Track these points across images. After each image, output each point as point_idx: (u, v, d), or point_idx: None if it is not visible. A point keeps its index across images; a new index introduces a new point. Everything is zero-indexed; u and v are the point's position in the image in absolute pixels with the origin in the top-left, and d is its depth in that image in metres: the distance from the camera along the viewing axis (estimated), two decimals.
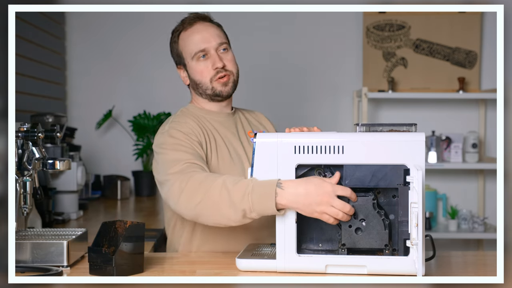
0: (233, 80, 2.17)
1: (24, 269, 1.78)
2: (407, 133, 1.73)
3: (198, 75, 2.17)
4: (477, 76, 4.25)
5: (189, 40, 2.17)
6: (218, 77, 2.14)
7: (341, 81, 4.33)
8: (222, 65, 2.13)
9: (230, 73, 2.16)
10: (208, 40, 2.15)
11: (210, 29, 2.18)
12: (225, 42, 2.17)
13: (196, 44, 2.15)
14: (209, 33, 2.16)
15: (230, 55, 2.18)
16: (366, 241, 1.73)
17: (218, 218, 1.80)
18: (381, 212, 1.74)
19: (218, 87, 2.15)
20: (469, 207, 4.33)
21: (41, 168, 2.00)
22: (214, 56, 2.14)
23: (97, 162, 4.21)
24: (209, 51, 2.14)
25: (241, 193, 1.74)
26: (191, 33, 2.17)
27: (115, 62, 4.27)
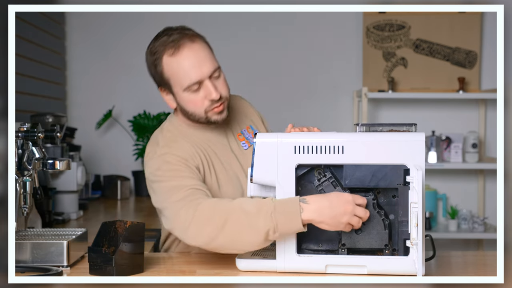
0: (227, 104, 2.01)
1: (24, 269, 1.78)
2: (407, 133, 1.73)
3: (191, 106, 1.97)
4: (477, 76, 4.25)
5: (178, 69, 1.92)
6: (214, 108, 1.97)
7: (341, 81, 4.33)
8: (218, 97, 1.94)
9: (225, 99, 1.99)
10: (201, 69, 1.92)
11: (199, 53, 1.93)
12: (217, 67, 1.96)
13: (188, 75, 1.91)
14: (200, 60, 1.92)
15: (222, 78, 1.98)
16: (366, 241, 1.73)
17: (239, 245, 1.72)
18: (381, 212, 1.74)
19: (213, 117, 1.99)
20: (469, 207, 4.33)
21: (41, 168, 2.00)
22: (208, 87, 1.93)
23: (97, 162, 4.21)
24: (203, 81, 1.93)
25: (263, 215, 1.68)
26: (179, 60, 1.92)
27: (115, 62, 4.27)
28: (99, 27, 4.26)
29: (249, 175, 1.78)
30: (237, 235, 1.70)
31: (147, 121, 4.05)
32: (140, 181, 3.98)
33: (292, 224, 1.68)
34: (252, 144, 1.81)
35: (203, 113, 1.98)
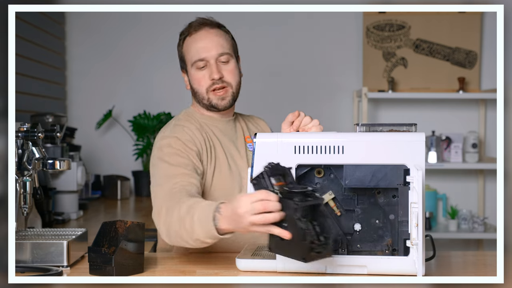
0: (232, 93, 2.12)
1: (24, 269, 1.78)
2: (407, 133, 1.73)
3: (196, 84, 2.13)
4: (477, 76, 4.25)
5: (191, 47, 2.12)
6: (214, 89, 2.09)
7: (341, 81, 4.33)
8: (218, 76, 2.08)
9: (228, 85, 2.10)
10: (209, 49, 2.09)
11: (213, 37, 2.11)
12: (226, 52, 2.10)
13: (197, 52, 2.10)
14: (212, 42, 2.10)
15: (231, 66, 2.12)
16: (287, 249, 1.59)
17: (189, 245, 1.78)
18: (303, 220, 1.54)
19: (213, 99, 2.11)
20: (469, 207, 4.33)
21: (41, 168, 2.00)
22: (212, 66, 2.08)
23: (97, 162, 4.21)
24: (208, 60, 2.09)
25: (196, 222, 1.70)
26: (194, 40, 2.11)
27: (115, 62, 4.27)
28: (99, 27, 4.26)
29: (249, 175, 1.78)
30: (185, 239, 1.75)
31: (147, 121, 4.05)
32: (140, 181, 3.98)
33: (210, 234, 1.67)
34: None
35: (205, 93, 2.11)
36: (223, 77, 2.09)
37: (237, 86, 2.14)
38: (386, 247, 1.74)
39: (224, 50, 2.10)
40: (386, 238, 1.75)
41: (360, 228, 1.77)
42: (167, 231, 1.80)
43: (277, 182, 1.63)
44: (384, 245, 1.75)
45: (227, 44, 2.13)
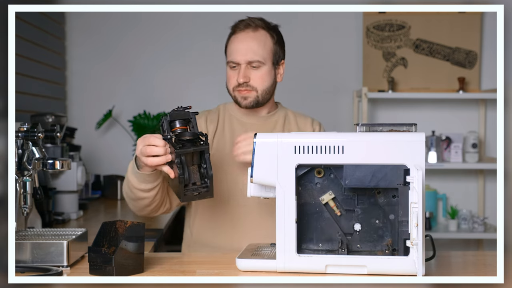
0: (255, 96, 2.22)
1: (24, 269, 1.78)
2: (407, 133, 1.73)
3: (227, 81, 2.25)
4: (477, 76, 4.26)
5: (231, 46, 2.23)
6: (239, 90, 2.21)
7: (341, 81, 4.34)
8: (243, 81, 2.18)
9: (253, 89, 2.21)
10: (243, 54, 2.19)
11: (250, 42, 2.19)
12: (257, 60, 2.19)
13: (232, 53, 2.21)
14: (247, 47, 2.19)
15: (261, 72, 2.21)
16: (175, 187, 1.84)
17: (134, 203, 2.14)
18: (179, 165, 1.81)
19: (238, 97, 2.23)
20: (469, 207, 4.33)
21: (41, 168, 2.00)
22: (242, 70, 2.19)
23: (97, 162, 4.21)
24: (239, 63, 2.20)
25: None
26: (235, 40, 2.22)
27: (115, 62, 4.27)
28: (99, 27, 4.26)
29: (249, 175, 1.78)
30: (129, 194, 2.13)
31: (147, 121, 4.05)
32: None
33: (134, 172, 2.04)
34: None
35: (232, 90, 2.23)
36: (249, 81, 2.20)
37: (264, 91, 2.24)
38: (386, 247, 1.74)
39: (255, 57, 2.19)
40: (386, 238, 1.75)
41: (360, 228, 1.77)
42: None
43: (180, 126, 1.86)
44: (384, 245, 1.75)
45: (264, 50, 2.21)
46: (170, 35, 4.28)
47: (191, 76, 4.23)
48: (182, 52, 4.25)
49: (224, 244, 2.20)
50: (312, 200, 1.79)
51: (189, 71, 4.23)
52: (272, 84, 2.27)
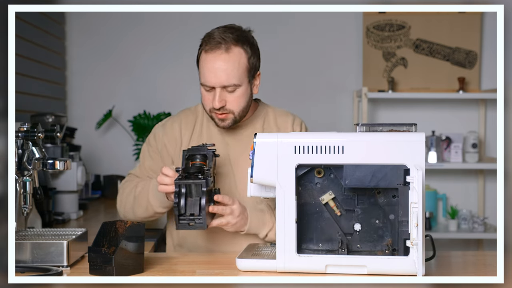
0: (233, 117, 2.13)
1: (24, 269, 1.78)
2: (407, 133, 1.73)
3: (202, 99, 2.16)
4: (477, 76, 4.25)
5: (203, 66, 2.10)
6: (215, 113, 2.13)
7: (341, 81, 4.33)
8: (219, 106, 2.08)
9: (229, 112, 2.11)
10: (216, 78, 2.06)
11: (223, 65, 2.06)
12: (233, 84, 2.07)
13: (205, 76, 2.09)
14: (221, 70, 2.06)
15: (237, 93, 2.10)
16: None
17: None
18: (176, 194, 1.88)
19: (215, 119, 2.15)
20: (469, 207, 4.33)
21: (41, 168, 2.00)
22: (217, 94, 2.08)
23: (97, 162, 4.21)
24: (215, 88, 2.09)
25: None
26: (206, 60, 2.08)
27: (115, 62, 4.27)
28: (99, 27, 4.26)
29: (249, 175, 1.78)
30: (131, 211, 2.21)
31: (147, 121, 4.05)
32: None
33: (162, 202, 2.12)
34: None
35: (209, 111, 2.15)
36: (225, 105, 2.10)
37: (241, 111, 2.13)
38: (386, 247, 1.75)
39: (230, 81, 2.07)
40: (386, 238, 1.75)
41: (360, 228, 1.77)
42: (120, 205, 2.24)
43: (194, 160, 1.96)
44: (384, 245, 1.75)
45: (238, 71, 2.08)
46: (170, 35, 4.28)
47: (191, 76, 4.21)
48: (182, 52, 4.24)
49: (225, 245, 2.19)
50: (312, 200, 1.79)
51: (189, 71, 4.21)
52: (249, 100, 2.15)
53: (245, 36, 2.13)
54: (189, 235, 2.21)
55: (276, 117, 2.26)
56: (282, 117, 2.27)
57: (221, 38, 2.07)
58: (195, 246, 2.20)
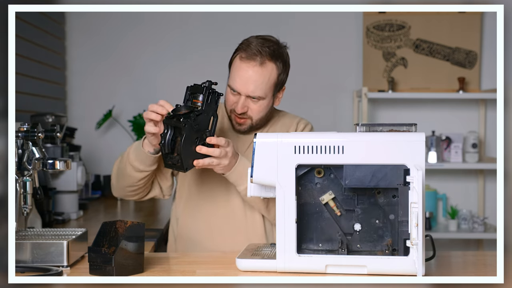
0: (250, 123, 2.21)
1: (24, 269, 1.78)
2: (407, 133, 1.73)
3: (226, 100, 2.23)
4: (477, 76, 4.26)
5: (234, 71, 2.16)
6: (235, 116, 2.20)
7: (341, 81, 4.33)
8: (241, 111, 2.16)
9: (249, 118, 2.19)
10: (244, 86, 2.14)
11: (254, 76, 2.13)
12: (258, 96, 2.15)
13: (234, 81, 2.15)
14: (251, 81, 2.13)
15: (260, 104, 2.17)
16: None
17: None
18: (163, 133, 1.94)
19: (233, 121, 2.22)
20: (469, 207, 4.33)
21: (41, 168, 2.00)
22: (241, 101, 2.16)
23: (97, 162, 4.21)
24: (240, 93, 2.16)
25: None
26: (240, 67, 2.15)
27: (115, 62, 4.27)
28: (99, 27, 4.26)
29: (249, 175, 1.78)
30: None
31: None
32: None
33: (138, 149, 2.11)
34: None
35: (229, 111, 2.22)
36: (247, 112, 2.18)
37: (259, 119, 2.21)
38: (386, 247, 1.74)
39: (256, 93, 2.14)
40: (386, 238, 1.75)
41: (360, 228, 1.77)
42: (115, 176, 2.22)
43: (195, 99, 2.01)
44: (384, 245, 1.75)
45: (267, 85, 2.15)
46: (170, 35, 4.28)
47: (191, 76, 4.21)
48: (182, 52, 4.25)
49: (225, 245, 2.20)
50: (312, 200, 1.79)
51: (189, 71, 4.23)
52: (269, 111, 2.24)
53: (280, 52, 2.22)
54: (189, 230, 2.23)
55: (280, 117, 2.34)
56: (287, 117, 2.35)
57: (258, 51, 2.14)
58: (194, 242, 2.22)
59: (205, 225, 2.23)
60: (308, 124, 2.33)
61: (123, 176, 2.17)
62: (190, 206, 2.26)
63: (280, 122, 2.32)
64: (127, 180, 2.16)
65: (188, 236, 2.25)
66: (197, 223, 2.24)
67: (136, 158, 2.10)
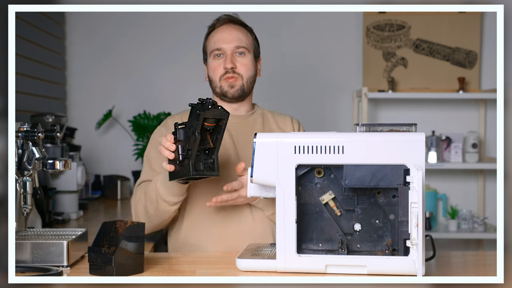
0: (241, 84, 2.23)
1: (24, 269, 1.78)
2: (407, 133, 1.73)
3: (211, 72, 2.25)
4: (477, 76, 4.26)
5: (212, 38, 2.25)
6: (226, 77, 2.21)
7: (341, 81, 4.33)
8: (231, 66, 2.20)
9: (239, 76, 2.22)
10: (227, 41, 2.21)
11: (233, 31, 2.24)
12: (243, 46, 2.22)
13: (216, 42, 2.22)
14: (231, 35, 2.22)
15: (246, 59, 2.23)
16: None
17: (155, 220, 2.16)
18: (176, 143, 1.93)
19: (225, 87, 2.23)
20: (469, 207, 4.33)
21: (41, 168, 2.00)
22: (227, 57, 2.21)
23: (97, 162, 4.21)
24: (225, 51, 2.21)
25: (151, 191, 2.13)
26: (218, 31, 2.25)
27: (115, 62, 4.27)
28: (99, 27, 4.26)
29: (249, 175, 1.78)
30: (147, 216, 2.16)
31: (147, 121, 4.05)
32: None
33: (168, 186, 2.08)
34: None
35: (218, 80, 2.23)
36: (236, 68, 2.21)
37: (248, 80, 2.25)
38: (386, 247, 1.75)
39: (241, 43, 2.22)
40: (386, 238, 1.75)
41: (360, 228, 1.77)
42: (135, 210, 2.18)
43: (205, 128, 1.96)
44: (384, 245, 1.75)
45: (246, 40, 2.25)
46: (170, 35, 4.28)
47: (191, 76, 4.23)
48: (182, 52, 4.25)
49: (225, 245, 2.19)
50: (312, 200, 1.79)
51: (189, 71, 4.23)
52: (254, 75, 2.28)
53: (247, 25, 2.31)
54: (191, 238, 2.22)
55: (274, 117, 2.35)
56: (280, 117, 2.36)
57: (229, 18, 2.27)
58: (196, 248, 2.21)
59: (212, 231, 2.20)
60: (300, 123, 2.38)
61: (157, 214, 2.14)
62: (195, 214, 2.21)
63: (272, 120, 2.32)
64: (163, 215, 2.14)
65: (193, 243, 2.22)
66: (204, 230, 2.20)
67: (168, 193, 2.08)
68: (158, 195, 2.10)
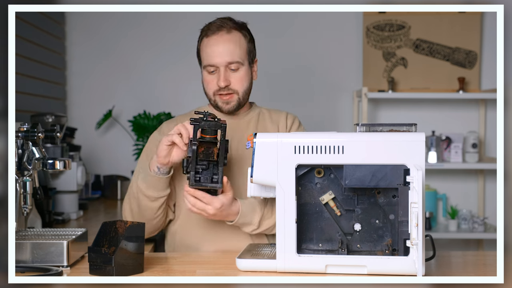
0: (237, 99, 2.19)
1: (24, 269, 1.78)
2: (407, 133, 1.73)
3: (205, 85, 2.21)
4: (477, 76, 4.25)
5: (206, 49, 2.17)
6: (220, 94, 2.17)
7: (341, 81, 4.33)
8: (225, 84, 2.15)
9: (234, 92, 2.18)
10: (220, 56, 2.14)
11: (226, 44, 2.15)
12: (236, 61, 2.15)
13: (209, 56, 2.16)
14: (224, 49, 2.14)
15: (241, 73, 2.17)
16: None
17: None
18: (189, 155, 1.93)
19: (219, 102, 2.19)
20: (469, 207, 4.33)
21: (41, 168, 2.00)
22: (221, 73, 2.15)
23: (97, 162, 4.21)
24: (218, 67, 2.15)
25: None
26: (209, 43, 2.16)
27: (115, 62, 4.27)
28: (99, 27, 4.26)
29: (249, 175, 1.78)
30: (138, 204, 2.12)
31: (147, 121, 4.05)
32: None
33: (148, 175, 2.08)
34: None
35: (212, 95, 2.19)
36: (230, 85, 2.16)
37: (244, 92, 2.20)
38: (386, 247, 1.75)
39: (234, 58, 2.15)
40: (386, 238, 1.75)
41: (360, 228, 1.77)
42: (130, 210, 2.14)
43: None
44: (384, 245, 1.75)
45: (240, 50, 2.17)
46: (170, 35, 4.28)
47: (191, 76, 4.22)
48: (182, 52, 4.24)
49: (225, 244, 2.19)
50: (312, 200, 1.79)
51: (189, 71, 4.22)
52: (250, 83, 2.24)
53: (242, 24, 2.23)
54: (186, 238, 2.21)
55: (270, 113, 2.34)
56: (275, 112, 2.35)
57: (221, 24, 2.17)
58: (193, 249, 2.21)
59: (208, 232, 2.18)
60: (296, 118, 2.35)
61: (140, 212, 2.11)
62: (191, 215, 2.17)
63: (267, 117, 2.31)
64: (147, 215, 2.11)
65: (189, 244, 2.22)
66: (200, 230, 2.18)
67: (148, 186, 2.07)
68: (139, 190, 2.08)
